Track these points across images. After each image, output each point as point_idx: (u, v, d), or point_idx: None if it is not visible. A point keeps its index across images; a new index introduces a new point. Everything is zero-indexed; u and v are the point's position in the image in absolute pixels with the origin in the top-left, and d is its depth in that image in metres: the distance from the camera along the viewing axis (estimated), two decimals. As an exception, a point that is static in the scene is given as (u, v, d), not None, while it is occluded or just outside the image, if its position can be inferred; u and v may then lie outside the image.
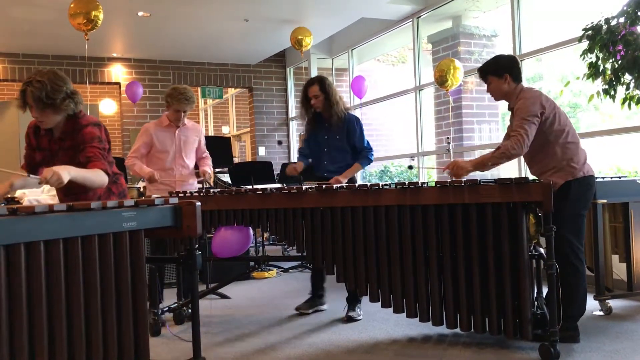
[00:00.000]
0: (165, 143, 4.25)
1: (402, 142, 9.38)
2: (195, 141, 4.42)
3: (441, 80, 5.78)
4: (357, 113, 8.53)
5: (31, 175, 2.70)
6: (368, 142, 4.24)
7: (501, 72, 3.30)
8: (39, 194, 5.20)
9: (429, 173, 7.66)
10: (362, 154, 4.18)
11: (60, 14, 6.18)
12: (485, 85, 3.44)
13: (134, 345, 2.21)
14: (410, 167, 4.10)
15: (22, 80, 8.52)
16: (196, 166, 4.50)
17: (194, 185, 4.40)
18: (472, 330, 3.12)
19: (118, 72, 8.97)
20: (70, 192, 2.85)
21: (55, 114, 2.75)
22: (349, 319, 3.94)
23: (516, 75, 3.31)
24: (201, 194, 3.73)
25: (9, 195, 5.63)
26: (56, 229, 1.92)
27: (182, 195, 3.77)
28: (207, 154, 4.53)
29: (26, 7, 6.41)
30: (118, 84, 9.01)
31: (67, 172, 2.47)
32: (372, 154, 4.22)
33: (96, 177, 2.69)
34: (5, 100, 9.81)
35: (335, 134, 4.17)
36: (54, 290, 1.92)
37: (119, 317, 2.16)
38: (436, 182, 3.14)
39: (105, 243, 2.11)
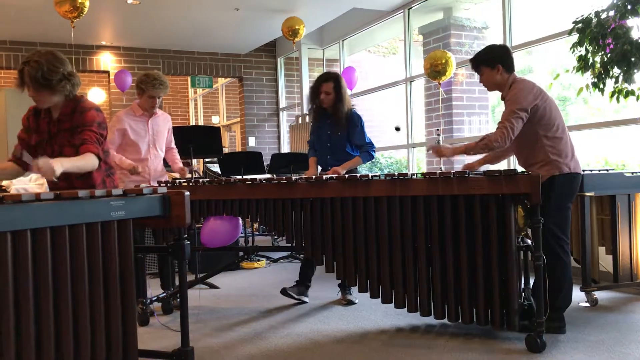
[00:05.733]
0: (139, 133, 4.11)
1: (392, 133, 9.37)
2: (166, 131, 4.29)
3: (436, 72, 5.73)
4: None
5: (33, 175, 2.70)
6: (370, 138, 4.27)
7: (493, 63, 3.30)
8: (26, 183, 5.16)
9: (418, 165, 7.67)
10: (363, 149, 4.22)
11: (48, 0, 6.10)
12: (477, 76, 3.44)
13: (122, 334, 2.20)
14: (397, 129, 4.13)
15: (9, 67, 8.39)
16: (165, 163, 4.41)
17: (165, 177, 4.26)
18: (460, 320, 3.14)
19: (107, 61, 8.89)
20: (66, 176, 2.84)
21: (51, 94, 2.74)
22: (348, 302, 4.07)
23: (509, 65, 3.31)
24: (190, 184, 3.71)
25: (-4, 184, 5.57)
26: (43, 218, 1.90)
27: (170, 184, 3.75)
28: (174, 144, 4.40)
29: (14, -6, 6.33)
30: (107, 72, 8.93)
31: (59, 165, 2.47)
32: (374, 150, 4.27)
33: (87, 162, 2.69)
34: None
35: (337, 131, 4.19)
36: (41, 280, 1.91)
37: (107, 306, 2.15)
38: (425, 174, 3.14)
39: (93, 232, 2.09)
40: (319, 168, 4.32)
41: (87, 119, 2.77)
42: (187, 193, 2.43)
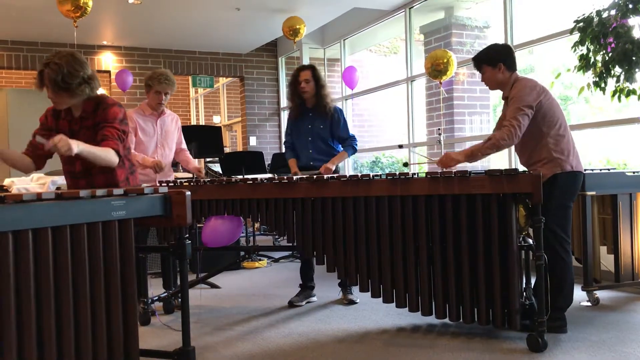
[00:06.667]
0: (148, 132, 4.10)
1: (393, 133, 9.38)
2: (176, 130, 4.28)
3: (437, 71, 5.73)
4: (348, 103, 8.53)
5: (38, 138, 2.70)
6: (350, 132, 4.32)
7: (495, 61, 3.30)
8: (27, 182, 5.17)
9: (420, 165, 7.67)
10: (347, 142, 4.25)
11: (50, 0, 6.10)
12: (478, 76, 3.44)
13: (124, 334, 2.21)
14: (406, 165, 4.14)
15: (11, 67, 8.36)
16: (175, 162, 4.40)
17: (171, 177, 4.26)
18: (461, 320, 3.14)
19: (108, 60, 8.89)
20: (87, 173, 2.85)
21: (70, 97, 2.75)
22: (350, 302, 4.07)
23: (510, 64, 3.31)
24: (191, 184, 3.71)
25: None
26: (44, 218, 1.90)
27: (172, 184, 3.76)
28: (184, 144, 4.39)
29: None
30: (108, 72, 8.94)
31: (76, 145, 2.48)
32: (357, 143, 4.30)
33: (105, 155, 2.69)
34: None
35: (319, 124, 4.20)
36: (43, 279, 1.91)
37: (108, 306, 2.15)
38: (427, 173, 3.14)
39: (94, 232, 2.09)
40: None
41: (109, 116, 2.78)
42: (188, 193, 2.43)
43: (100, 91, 2.85)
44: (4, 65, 8.29)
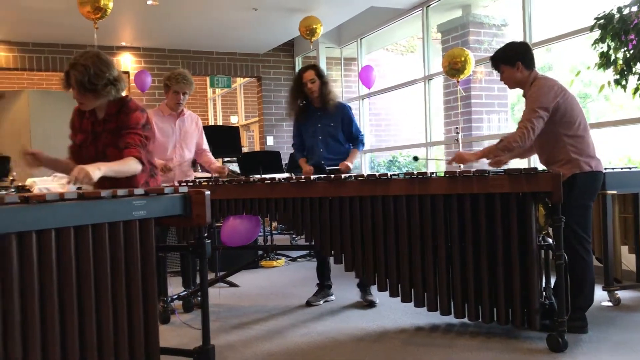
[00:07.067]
0: (167, 132, 4.11)
1: (410, 132, 9.35)
2: (196, 131, 4.27)
3: (455, 70, 5.70)
4: (365, 103, 8.52)
5: (56, 175, 2.71)
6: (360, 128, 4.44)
7: (513, 60, 3.27)
8: (49, 182, 5.24)
9: (437, 163, 7.64)
10: (357, 139, 4.30)
11: (70, 2, 6.18)
12: (496, 74, 3.42)
13: (144, 332, 2.23)
14: (416, 159, 4.14)
15: (32, 69, 8.44)
16: (194, 162, 4.41)
17: (191, 177, 4.24)
18: (480, 320, 3.13)
19: (127, 61, 8.98)
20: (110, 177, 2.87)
21: (95, 98, 2.76)
22: (370, 304, 4.04)
23: (529, 62, 3.28)
24: (210, 183, 3.74)
25: (19, 184, 5.67)
26: (67, 217, 1.93)
27: (191, 184, 3.79)
28: (206, 145, 4.38)
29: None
30: (127, 73, 9.02)
31: (97, 170, 2.47)
32: (364, 137, 4.39)
33: (127, 167, 2.70)
34: (15, 90, 9.86)
35: (329, 122, 4.20)
36: (65, 278, 1.94)
37: (129, 304, 2.17)
38: (445, 172, 3.13)
39: (115, 231, 2.12)
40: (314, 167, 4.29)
41: (131, 121, 2.78)
42: (208, 192, 2.45)
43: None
44: (26, 67, 8.42)
